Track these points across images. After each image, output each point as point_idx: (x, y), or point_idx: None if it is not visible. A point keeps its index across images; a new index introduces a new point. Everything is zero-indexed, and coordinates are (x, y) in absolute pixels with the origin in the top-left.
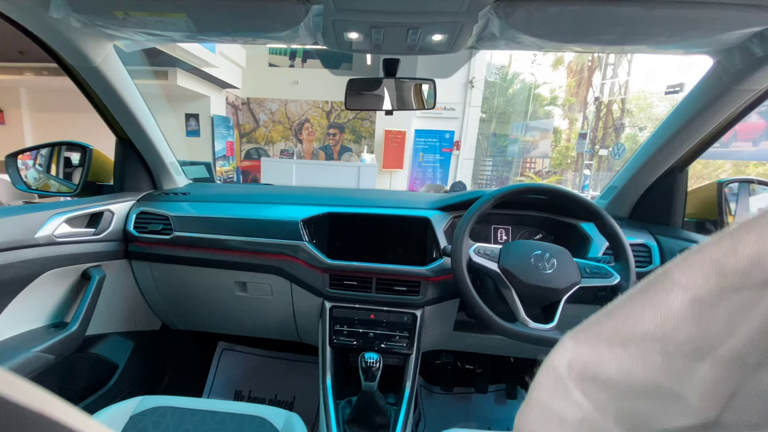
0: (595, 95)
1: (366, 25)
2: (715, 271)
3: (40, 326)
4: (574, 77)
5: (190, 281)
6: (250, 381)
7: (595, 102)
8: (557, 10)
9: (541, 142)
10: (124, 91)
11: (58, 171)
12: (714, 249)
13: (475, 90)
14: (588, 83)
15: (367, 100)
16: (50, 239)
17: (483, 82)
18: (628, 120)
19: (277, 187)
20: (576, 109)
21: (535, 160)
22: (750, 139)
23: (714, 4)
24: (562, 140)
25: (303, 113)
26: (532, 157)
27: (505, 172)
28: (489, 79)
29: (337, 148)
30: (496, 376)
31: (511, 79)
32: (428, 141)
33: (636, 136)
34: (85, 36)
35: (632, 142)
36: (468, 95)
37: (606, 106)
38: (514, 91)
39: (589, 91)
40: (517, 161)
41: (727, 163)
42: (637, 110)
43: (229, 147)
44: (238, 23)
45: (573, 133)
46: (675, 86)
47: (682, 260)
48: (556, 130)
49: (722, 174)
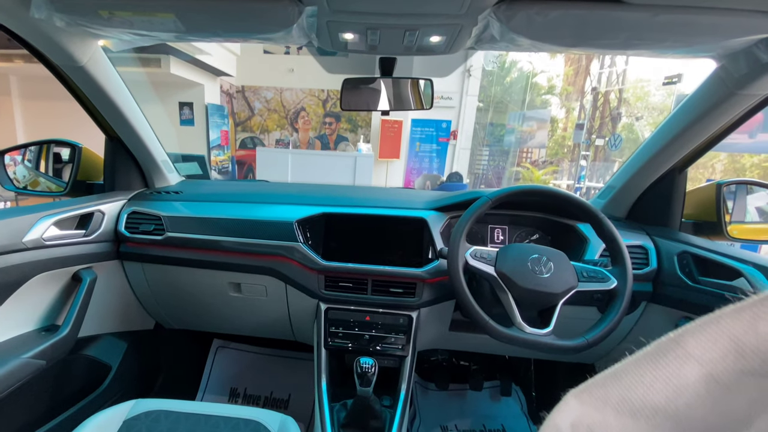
0: (592, 85)
1: (362, 27)
2: (734, 349)
3: (29, 330)
4: (571, 66)
5: (183, 282)
6: (246, 378)
7: (593, 92)
8: (559, 14)
9: (538, 132)
10: (113, 90)
11: (48, 168)
12: (733, 323)
13: (472, 79)
14: (586, 72)
15: (362, 100)
16: (39, 243)
17: (480, 71)
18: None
19: (271, 186)
20: (573, 98)
21: (531, 150)
22: (746, 132)
23: (721, 10)
24: (558, 129)
25: (299, 102)
26: (529, 147)
27: (501, 162)
28: (486, 68)
29: (333, 138)
30: (491, 373)
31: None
32: (425, 130)
33: (632, 125)
34: (70, 36)
35: (628, 132)
36: (465, 84)
37: (603, 95)
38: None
39: (587, 80)
40: (513, 151)
41: (722, 153)
42: (634, 99)
43: (224, 136)
44: (228, 24)
45: (570, 122)
46: (673, 77)
47: (698, 329)
48: (553, 119)
49: (717, 163)
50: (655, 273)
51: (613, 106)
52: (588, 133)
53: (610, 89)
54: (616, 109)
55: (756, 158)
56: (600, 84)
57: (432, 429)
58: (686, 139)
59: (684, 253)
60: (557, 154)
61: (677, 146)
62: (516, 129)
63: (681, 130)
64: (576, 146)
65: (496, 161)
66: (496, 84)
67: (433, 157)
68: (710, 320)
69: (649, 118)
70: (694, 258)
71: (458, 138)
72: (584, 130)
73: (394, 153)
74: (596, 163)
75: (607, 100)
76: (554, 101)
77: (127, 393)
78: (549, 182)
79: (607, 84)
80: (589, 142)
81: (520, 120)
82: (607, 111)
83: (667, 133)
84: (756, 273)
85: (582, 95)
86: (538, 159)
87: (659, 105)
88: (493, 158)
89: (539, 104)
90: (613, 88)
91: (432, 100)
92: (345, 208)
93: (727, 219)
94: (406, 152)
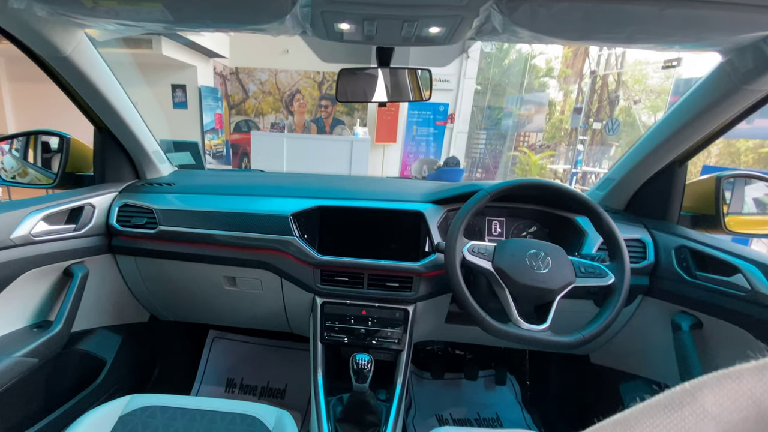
0: (591, 68)
1: (358, 17)
2: (755, 411)
3: (21, 327)
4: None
5: (177, 275)
6: (242, 369)
7: (591, 75)
8: (564, 7)
9: (536, 116)
10: (100, 81)
11: (36, 158)
12: (754, 381)
13: (470, 61)
14: (585, 55)
15: (359, 91)
16: (27, 239)
17: (479, 53)
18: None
19: (266, 177)
20: (571, 81)
21: (529, 134)
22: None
23: (730, 5)
24: (556, 112)
25: (294, 84)
26: (527, 131)
27: (498, 146)
28: (485, 49)
29: (329, 121)
30: (486, 362)
31: (507, 50)
32: (422, 114)
33: (630, 108)
34: (53, 25)
35: (626, 115)
36: (463, 66)
37: (602, 78)
38: (510, 61)
39: (586, 63)
40: (511, 135)
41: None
42: (632, 81)
43: (218, 119)
44: (218, 14)
45: (568, 104)
46: (672, 60)
47: (716, 383)
48: (551, 103)
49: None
50: (652, 267)
51: (611, 89)
52: (585, 117)
53: (608, 72)
54: (614, 92)
55: (751, 143)
56: (599, 67)
57: (427, 418)
58: (688, 132)
59: (682, 247)
60: (554, 138)
61: (679, 140)
62: (514, 112)
63: (683, 124)
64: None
65: (493, 145)
66: (494, 66)
67: (430, 141)
68: (730, 375)
69: (647, 101)
70: (692, 253)
71: (455, 121)
72: (582, 114)
73: (390, 137)
74: (593, 147)
75: (605, 83)
76: (552, 84)
77: (122, 386)
78: (546, 166)
79: (606, 67)
80: (587, 127)
81: (517, 103)
82: (605, 94)
83: (668, 126)
84: (754, 270)
85: (580, 78)
86: (535, 143)
87: (657, 87)
88: (490, 142)
89: (537, 87)
90: (611, 71)
91: (431, 91)
92: (341, 201)
93: (724, 210)
94: (403, 136)
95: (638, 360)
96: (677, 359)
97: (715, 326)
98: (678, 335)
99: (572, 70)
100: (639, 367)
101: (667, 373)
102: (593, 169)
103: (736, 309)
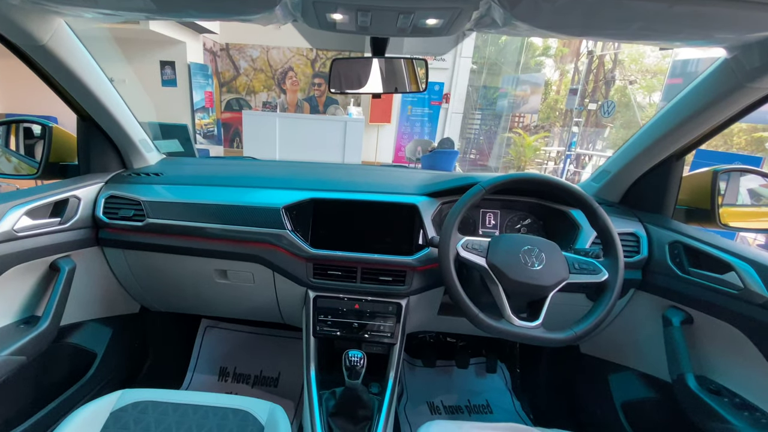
0: (588, 49)
1: (351, 7)
2: None
3: (7, 324)
4: None
5: (167, 268)
6: (235, 358)
7: (588, 55)
8: (568, 2)
9: (532, 96)
10: (80, 69)
11: (18, 146)
12: None
13: (466, 39)
14: None
15: (353, 82)
16: (10, 235)
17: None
18: (619, 72)
19: (257, 167)
20: (568, 60)
21: (524, 115)
22: None
23: (740, 2)
24: (551, 92)
25: (286, 61)
26: (522, 112)
27: (493, 127)
28: None
29: (322, 100)
30: (477, 350)
31: None
32: (417, 93)
33: (625, 88)
34: (27, 13)
35: (621, 95)
36: (459, 45)
37: (598, 58)
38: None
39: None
40: (506, 116)
41: None
42: (628, 61)
43: (208, 98)
44: (203, 4)
45: (564, 84)
46: None
47: None
48: (547, 82)
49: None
50: (646, 261)
51: (607, 68)
52: (581, 97)
53: (605, 52)
54: (611, 71)
55: (744, 125)
56: (596, 46)
57: (418, 405)
58: (688, 128)
59: (676, 242)
60: (549, 118)
61: (678, 135)
62: (509, 93)
63: (683, 119)
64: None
65: (488, 126)
66: (491, 44)
67: (424, 122)
68: None
69: (643, 81)
70: (686, 248)
71: (450, 101)
72: (578, 95)
73: (385, 117)
74: (587, 128)
75: (602, 62)
76: (549, 63)
77: (114, 378)
78: (540, 148)
79: (603, 47)
80: (582, 108)
81: (513, 83)
82: (601, 74)
83: (667, 121)
84: (748, 268)
85: (577, 57)
86: (530, 124)
87: (653, 67)
88: (485, 123)
89: (533, 66)
90: (608, 51)
91: (427, 81)
92: (334, 193)
93: (719, 201)
94: (398, 116)
95: (628, 352)
96: (667, 353)
97: (705, 322)
98: (669, 330)
99: (569, 49)
100: (628, 358)
101: (657, 366)
102: (587, 151)
103: (728, 306)
